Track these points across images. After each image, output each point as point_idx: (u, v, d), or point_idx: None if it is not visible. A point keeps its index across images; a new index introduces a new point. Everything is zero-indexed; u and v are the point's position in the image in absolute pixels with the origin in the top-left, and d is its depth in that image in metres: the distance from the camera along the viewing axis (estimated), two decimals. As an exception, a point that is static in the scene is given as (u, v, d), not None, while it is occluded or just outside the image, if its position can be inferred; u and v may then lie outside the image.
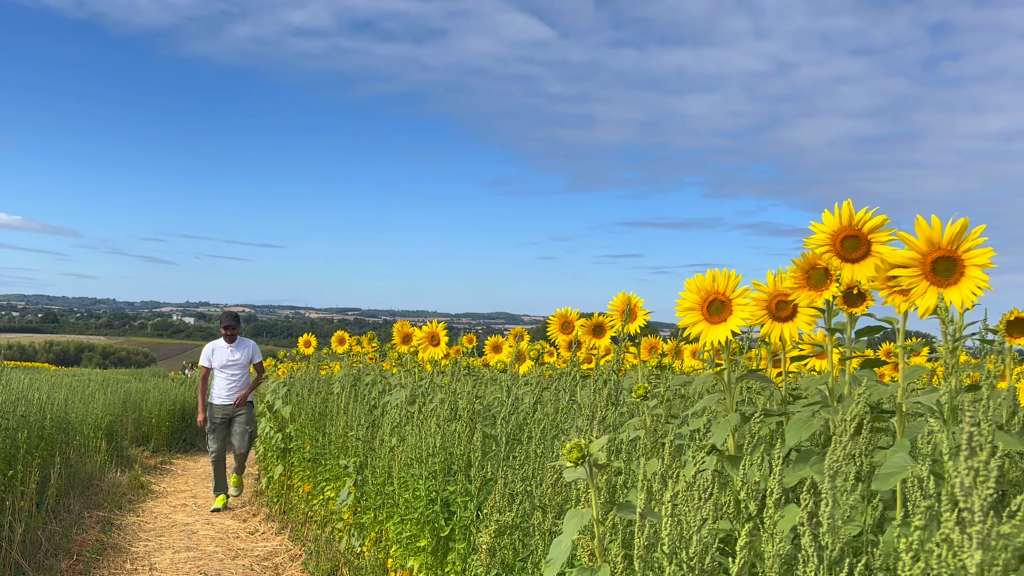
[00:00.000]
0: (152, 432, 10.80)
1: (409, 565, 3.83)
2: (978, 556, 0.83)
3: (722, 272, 1.86)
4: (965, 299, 1.41)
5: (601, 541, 1.51)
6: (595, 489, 1.50)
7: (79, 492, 6.57)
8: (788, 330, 1.84)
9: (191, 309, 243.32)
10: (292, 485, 6.71)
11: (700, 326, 1.86)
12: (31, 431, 5.45)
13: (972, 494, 0.84)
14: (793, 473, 1.65)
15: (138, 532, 6.05)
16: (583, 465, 1.49)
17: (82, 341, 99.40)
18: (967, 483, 0.85)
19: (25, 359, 52.22)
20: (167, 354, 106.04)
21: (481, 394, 3.98)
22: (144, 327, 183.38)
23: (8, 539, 4.56)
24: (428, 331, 4.25)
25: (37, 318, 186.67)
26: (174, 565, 5.15)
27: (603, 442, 1.49)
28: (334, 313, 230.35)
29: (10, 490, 4.83)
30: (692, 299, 1.86)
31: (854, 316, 1.78)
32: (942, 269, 1.44)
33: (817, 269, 1.77)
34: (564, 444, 2.74)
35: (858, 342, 1.82)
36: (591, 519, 1.51)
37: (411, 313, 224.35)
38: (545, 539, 2.37)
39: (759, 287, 1.87)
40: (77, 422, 7.65)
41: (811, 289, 1.77)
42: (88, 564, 4.98)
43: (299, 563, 5.16)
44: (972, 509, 0.83)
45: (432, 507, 3.61)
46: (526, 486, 2.77)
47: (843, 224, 1.69)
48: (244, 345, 7.19)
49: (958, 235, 1.44)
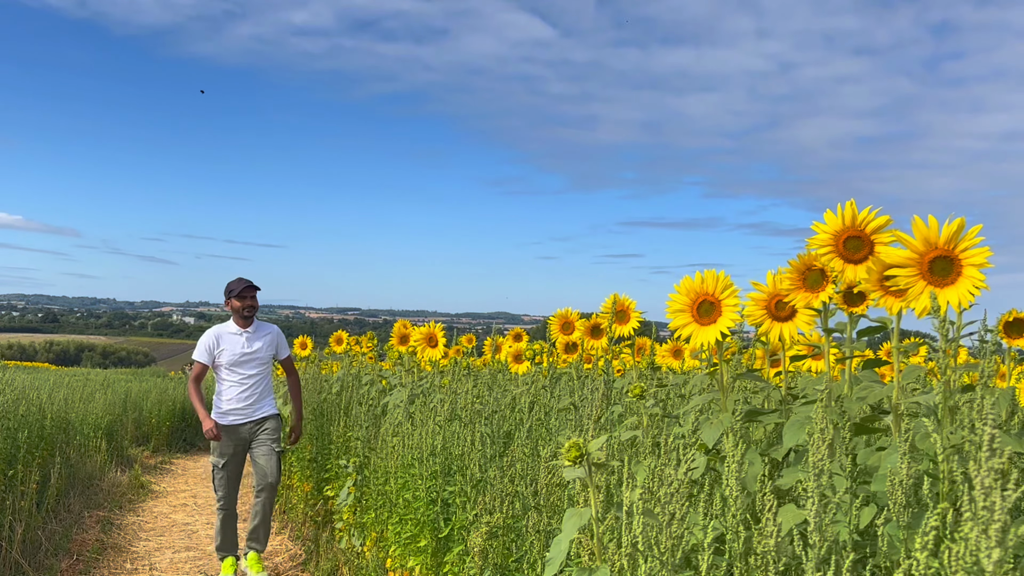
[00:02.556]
0: (152, 432, 10.80)
1: (409, 566, 3.84)
2: (996, 554, 0.83)
3: (711, 273, 1.86)
4: (962, 299, 1.41)
5: (600, 540, 1.52)
6: (594, 488, 1.50)
7: (79, 492, 6.57)
8: (788, 330, 1.84)
9: (191, 309, 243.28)
10: (292, 485, 6.71)
11: (690, 328, 1.86)
12: (31, 431, 5.45)
13: (992, 494, 0.84)
14: (790, 474, 1.66)
15: (138, 532, 6.05)
16: (582, 464, 1.49)
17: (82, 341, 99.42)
18: (987, 483, 0.85)
19: (25, 359, 52.22)
20: (167, 354, 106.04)
21: (481, 394, 3.98)
22: (144, 327, 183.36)
23: (8, 539, 4.56)
24: (426, 332, 4.25)
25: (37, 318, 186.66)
26: (174, 565, 5.15)
27: (601, 441, 1.50)
28: (334, 313, 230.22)
29: (10, 490, 4.83)
30: (682, 301, 1.86)
31: (855, 316, 1.78)
32: (939, 269, 1.45)
33: (813, 270, 1.77)
34: (549, 445, 2.75)
35: (859, 342, 1.82)
36: (590, 518, 1.51)
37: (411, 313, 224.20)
38: (540, 540, 2.38)
39: (758, 287, 1.87)
40: (77, 422, 7.65)
41: (807, 290, 1.77)
42: (88, 564, 4.98)
43: (299, 563, 5.16)
44: (991, 508, 0.84)
45: (432, 508, 3.61)
46: (516, 487, 2.78)
47: (846, 224, 1.68)
48: (265, 331, 4.79)
49: (955, 235, 1.44)
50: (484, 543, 2.69)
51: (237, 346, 4.66)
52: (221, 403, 4.67)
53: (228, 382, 4.67)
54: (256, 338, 4.73)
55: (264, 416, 4.73)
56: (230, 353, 4.63)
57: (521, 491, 2.77)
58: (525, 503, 2.72)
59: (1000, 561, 0.84)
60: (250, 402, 4.67)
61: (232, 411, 4.64)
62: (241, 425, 4.64)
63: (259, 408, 4.72)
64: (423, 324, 4.45)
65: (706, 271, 1.87)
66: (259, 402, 4.71)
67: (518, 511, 2.76)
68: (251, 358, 4.68)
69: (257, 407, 4.70)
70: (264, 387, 4.75)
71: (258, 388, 4.70)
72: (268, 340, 4.79)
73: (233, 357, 4.63)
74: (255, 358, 4.69)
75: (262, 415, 4.72)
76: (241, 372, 4.65)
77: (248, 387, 4.67)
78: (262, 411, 4.73)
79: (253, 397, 4.68)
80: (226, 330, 4.72)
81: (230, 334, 4.69)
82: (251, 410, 4.69)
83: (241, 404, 4.64)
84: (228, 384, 4.66)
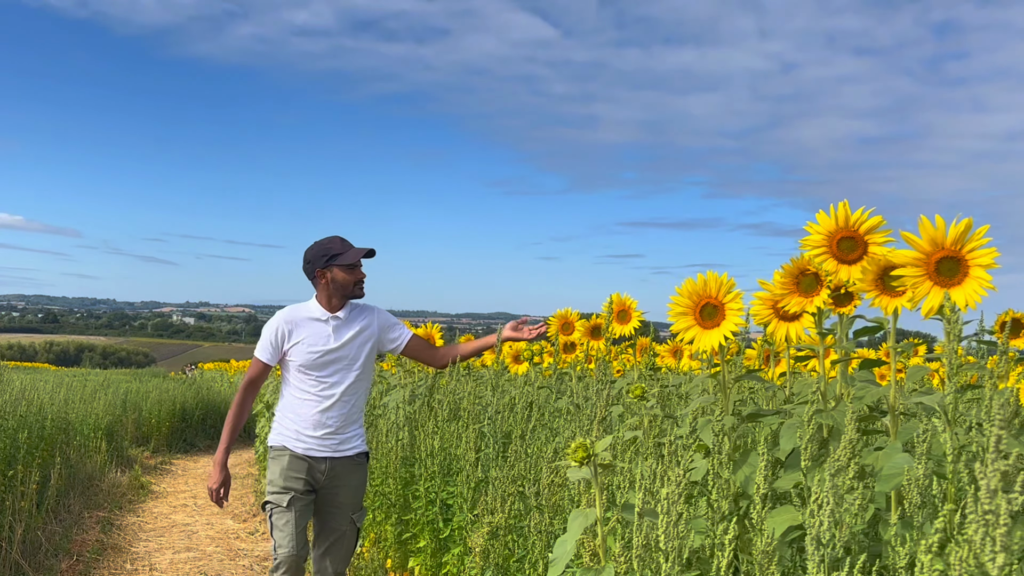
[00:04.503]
0: (152, 432, 10.80)
1: (409, 566, 3.83)
2: (1001, 558, 0.83)
3: (714, 275, 1.84)
4: (969, 299, 1.41)
5: (604, 541, 1.51)
6: (599, 489, 1.50)
7: (79, 492, 6.56)
8: (794, 329, 1.83)
9: (191, 309, 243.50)
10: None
11: (693, 331, 1.84)
12: (31, 431, 5.44)
13: (997, 497, 0.84)
14: (788, 476, 1.65)
15: (138, 532, 6.05)
16: (588, 465, 1.49)
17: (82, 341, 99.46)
18: (993, 485, 0.84)
19: (25, 359, 52.26)
20: (167, 354, 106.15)
21: (482, 394, 3.98)
22: (144, 327, 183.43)
23: (8, 539, 4.56)
24: (423, 333, 4.25)
25: (37, 318, 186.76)
26: (174, 565, 5.15)
27: (607, 442, 1.49)
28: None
29: (10, 490, 4.82)
30: (684, 303, 1.84)
31: (848, 317, 1.77)
32: (946, 269, 1.44)
33: (807, 274, 1.76)
34: (550, 445, 2.75)
35: (855, 342, 1.82)
36: (595, 519, 1.51)
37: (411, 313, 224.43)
38: (543, 540, 2.37)
39: (765, 285, 1.86)
40: (77, 422, 7.65)
41: (801, 295, 1.76)
42: (88, 564, 4.98)
43: (299, 563, 5.16)
44: (997, 512, 0.83)
45: (431, 508, 3.61)
46: (518, 487, 2.77)
47: (839, 225, 1.68)
48: (361, 316, 3.20)
49: (962, 235, 1.44)
50: (485, 543, 2.68)
51: (319, 338, 3.04)
52: (287, 422, 3.09)
53: (301, 393, 3.06)
54: (348, 326, 3.08)
55: (351, 454, 3.09)
56: (308, 349, 3.02)
57: (522, 491, 2.77)
58: (527, 503, 2.72)
59: (1004, 565, 0.83)
60: (332, 427, 3.03)
61: (305, 436, 3.04)
62: (316, 460, 3.02)
63: (346, 439, 3.08)
64: (422, 324, 4.43)
65: (708, 273, 1.86)
66: (346, 428, 3.07)
67: (520, 511, 2.76)
68: (340, 357, 3.05)
69: (343, 437, 3.07)
70: (355, 405, 3.10)
71: (346, 406, 3.06)
72: (364, 331, 3.12)
73: (312, 356, 3.02)
74: (345, 357, 3.06)
75: (349, 451, 3.08)
76: (323, 379, 3.04)
77: (331, 404, 3.03)
78: (350, 445, 3.09)
79: (338, 421, 3.05)
80: (305, 314, 3.08)
81: (311, 320, 3.06)
82: (334, 441, 3.05)
83: (319, 430, 3.02)
84: (301, 397, 3.06)
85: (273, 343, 3.06)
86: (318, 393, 3.04)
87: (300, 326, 3.06)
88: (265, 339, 3.08)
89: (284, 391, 3.15)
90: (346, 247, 3.08)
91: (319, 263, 3.06)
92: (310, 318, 3.07)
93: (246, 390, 3.13)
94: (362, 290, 3.11)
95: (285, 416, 3.10)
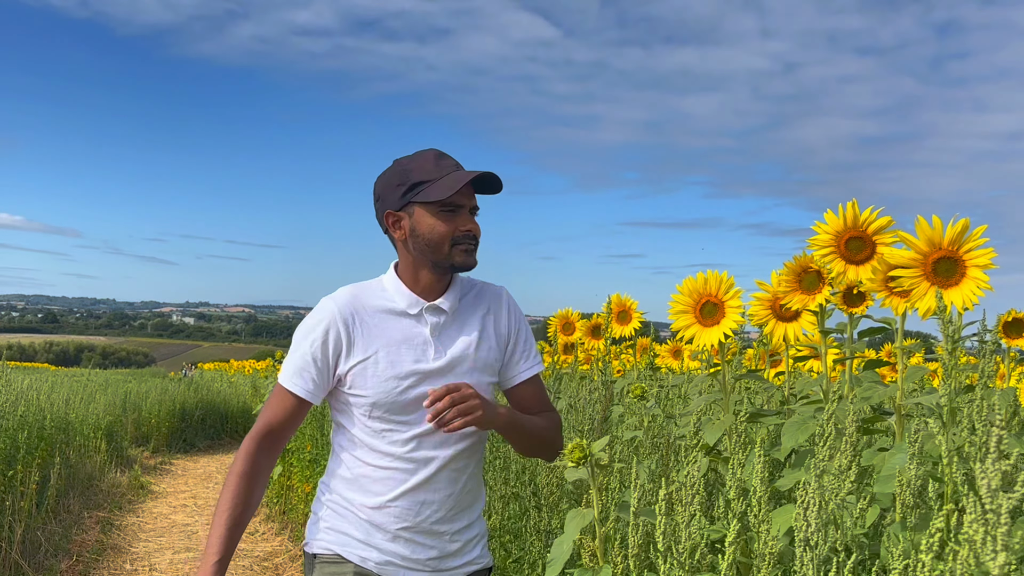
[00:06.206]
0: (152, 432, 10.80)
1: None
2: (1001, 558, 0.83)
3: (714, 274, 1.85)
4: (966, 300, 1.41)
5: (602, 541, 1.51)
6: (596, 489, 1.50)
7: (79, 492, 6.56)
8: (792, 329, 1.83)
9: (191, 309, 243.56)
10: (292, 485, 6.71)
11: (693, 329, 1.85)
12: (31, 431, 5.45)
13: (998, 496, 0.84)
14: (791, 475, 1.65)
15: (138, 532, 6.05)
16: (585, 465, 1.49)
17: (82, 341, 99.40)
18: (994, 485, 0.85)
19: (25, 359, 52.24)
20: (167, 354, 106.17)
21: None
22: (144, 327, 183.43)
23: (8, 539, 4.56)
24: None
25: (37, 318, 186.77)
26: (174, 566, 5.15)
27: (604, 442, 1.49)
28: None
29: (10, 490, 4.83)
30: (685, 302, 1.85)
31: (855, 317, 1.78)
32: (943, 270, 1.44)
33: (809, 272, 1.76)
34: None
35: (859, 343, 1.82)
36: (592, 519, 1.51)
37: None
38: (540, 540, 2.38)
39: (763, 286, 1.87)
40: (77, 422, 7.65)
41: (803, 293, 1.77)
42: (88, 564, 4.98)
43: (299, 563, 5.16)
44: (998, 511, 0.84)
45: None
46: (513, 488, 2.78)
47: (847, 225, 1.67)
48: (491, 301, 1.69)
49: (959, 236, 1.44)
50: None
51: (407, 348, 1.60)
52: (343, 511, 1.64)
53: (373, 456, 1.62)
54: (461, 324, 1.66)
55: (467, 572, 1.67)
56: (385, 370, 1.58)
57: (519, 492, 2.77)
58: (524, 503, 2.72)
59: (1005, 564, 0.84)
60: (438, 515, 1.62)
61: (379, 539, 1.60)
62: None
63: (456, 543, 1.65)
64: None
65: (709, 272, 1.87)
66: (458, 516, 1.66)
67: (517, 511, 2.76)
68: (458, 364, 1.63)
69: (451, 539, 1.65)
70: (471, 477, 1.67)
71: (456, 482, 1.64)
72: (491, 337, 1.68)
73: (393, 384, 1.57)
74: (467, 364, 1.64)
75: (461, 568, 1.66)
76: (412, 428, 1.59)
77: (430, 475, 1.60)
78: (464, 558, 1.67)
79: (442, 509, 1.62)
80: (378, 302, 1.64)
81: (386, 313, 1.63)
82: (441, 544, 1.63)
83: (412, 519, 1.60)
84: (371, 462, 1.62)
85: (317, 358, 1.59)
86: (405, 456, 1.60)
87: (370, 326, 1.60)
88: (301, 351, 1.61)
89: (337, 451, 1.68)
90: (443, 168, 1.60)
91: (392, 199, 1.62)
92: (386, 310, 1.63)
93: (257, 448, 1.59)
94: (474, 255, 1.61)
95: (340, 498, 1.64)
